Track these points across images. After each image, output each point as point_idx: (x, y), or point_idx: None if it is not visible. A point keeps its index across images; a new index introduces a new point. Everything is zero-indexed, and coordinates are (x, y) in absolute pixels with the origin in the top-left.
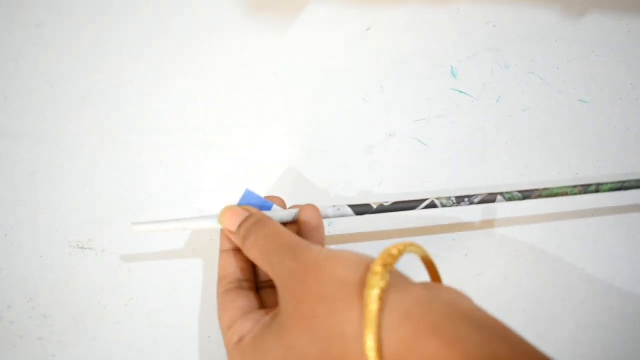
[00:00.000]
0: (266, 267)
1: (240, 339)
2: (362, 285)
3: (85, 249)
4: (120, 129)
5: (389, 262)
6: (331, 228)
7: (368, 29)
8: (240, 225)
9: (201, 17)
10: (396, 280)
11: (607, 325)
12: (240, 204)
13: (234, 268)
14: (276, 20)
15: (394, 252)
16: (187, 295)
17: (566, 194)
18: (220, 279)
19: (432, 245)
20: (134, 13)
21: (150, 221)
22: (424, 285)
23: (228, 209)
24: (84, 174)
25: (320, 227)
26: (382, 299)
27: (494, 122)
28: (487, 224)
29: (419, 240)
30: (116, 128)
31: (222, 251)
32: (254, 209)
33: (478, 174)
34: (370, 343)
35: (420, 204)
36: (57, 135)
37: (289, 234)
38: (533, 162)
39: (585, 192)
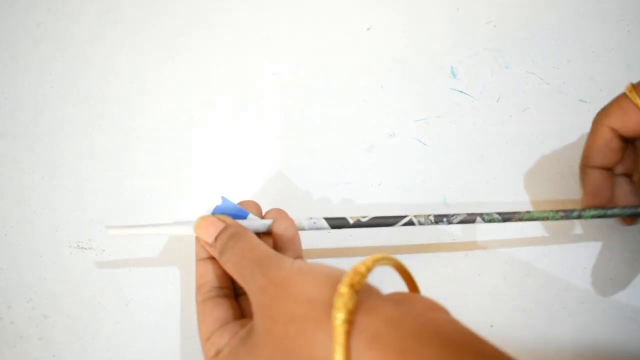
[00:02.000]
0: (240, 282)
1: (217, 352)
2: (331, 305)
3: (85, 249)
4: (120, 128)
5: (357, 281)
6: (330, 237)
7: (368, 29)
8: (216, 238)
9: (201, 16)
10: (365, 299)
11: (607, 325)
12: (215, 213)
13: (211, 276)
14: (277, 18)
15: (362, 269)
16: (187, 295)
17: (547, 219)
18: (198, 287)
19: (432, 245)
20: (134, 13)
21: (125, 225)
22: (394, 299)
23: (203, 219)
24: (84, 174)
25: (295, 239)
26: (350, 322)
27: (494, 122)
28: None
29: (418, 239)
30: (116, 128)
31: (198, 259)
32: (230, 219)
33: (478, 174)
34: None
35: (398, 221)
36: (57, 135)
37: (261, 248)
38: (533, 162)
39: (567, 218)
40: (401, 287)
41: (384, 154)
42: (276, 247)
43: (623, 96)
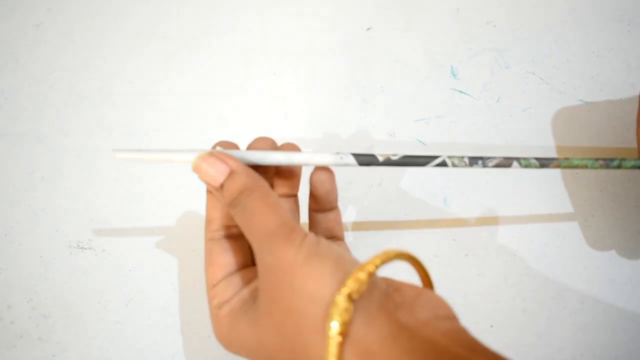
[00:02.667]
0: (249, 242)
1: (219, 305)
2: (329, 307)
3: (85, 249)
4: (120, 129)
5: (356, 289)
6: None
7: (368, 29)
8: (222, 186)
9: (200, 16)
10: (364, 307)
11: (607, 325)
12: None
13: (220, 213)
14: (277, 18)
15: (362, 276)
16: (187, 295)
17: (586, 167)
18: (207, 222)
19: (432, 246)
20: (134, 13)
21: (132, 149)
22: (399, 303)
23: (203, 159)
24: (84, 174)
25: (331, 194)
26: (344, 333)
27: (494, 122)
28: (487, 221)
29: (418, 239)
30: (116, 128)
31: (208, 191)
32: (235, 161)
33: (478, 175)
34: None
35: (430, 161)
36: (57, 135)
37: (273, 213)
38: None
39: (607, 167)
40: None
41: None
42: (310, 198)
43: None
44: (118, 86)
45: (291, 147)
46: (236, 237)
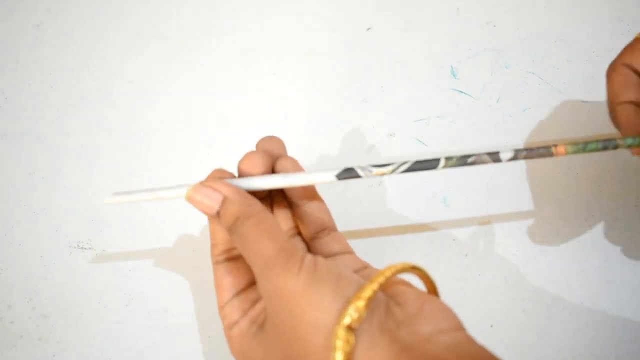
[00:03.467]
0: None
1: (229, 326)
2: (331, 337)
3: (85, 249)
4: (120, 129)
5: (356, 318)
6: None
7: (368, 29)
8: (219, 213)
9: (200, 16)
10: (365, 332)
11: (607, 325)
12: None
13: (221, 238)
14: (277, 18)
15: (361, 305)
16: (187, 295)
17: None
18: (212, 245)
19: (433, 246)
20: (134, 13)
21: (120, 192)
22: (396, 326)
23: (196, 190)
24: (84, 174)
25: (324, 218)
26: None
27: (494, 122)
28: (487, 221)
29: (418, 239)
30: (116, 128)
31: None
32: (227, 186)
33: (478, 175)
34: None
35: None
36: (57, 135)
37: (270, 239)
38: (533, 162)
39: (605, 149)
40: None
41: (384, 154)
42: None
43: (634, 40)
44: (118, 86)
45: (289, 163)
46: (241, 258)
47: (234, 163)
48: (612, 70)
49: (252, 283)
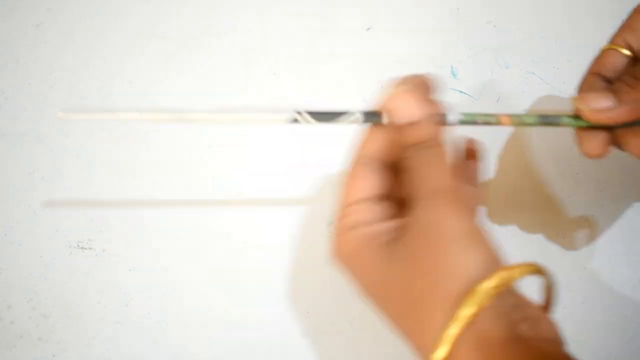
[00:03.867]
0: (410, 193)
1: (354, 225)
2: (470, 289)
3: (85, 249)
4: (120, 129)
5: (502, 285)
6: None
7: (368, 29)
8: (411, 124)
9: (200, 16)
10: (495, 307)
11: (607, 325)
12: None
13: (379, 146)
14: (276, 18)
15: (508, 277)
16: (187, 295)
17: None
18: (360, 149)
19: None
20: (134, 13)
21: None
22: (520, 319)
23: (409, 94)
24: (84, 174)
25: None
26: (471, 320)
27: None
28: (487, 221)
29: None
30: (116, 128)
31: (373, 125)
32: (435, 104)
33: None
34: (439, 354)
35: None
36: (57, 135)
37: (449, 173)
38: (533, 163)
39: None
40: None
41: None
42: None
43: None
44: (118, 86)
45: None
46: (387, 170)
47: (234, 163)
48: (601, 52)
49: (388, 196)
